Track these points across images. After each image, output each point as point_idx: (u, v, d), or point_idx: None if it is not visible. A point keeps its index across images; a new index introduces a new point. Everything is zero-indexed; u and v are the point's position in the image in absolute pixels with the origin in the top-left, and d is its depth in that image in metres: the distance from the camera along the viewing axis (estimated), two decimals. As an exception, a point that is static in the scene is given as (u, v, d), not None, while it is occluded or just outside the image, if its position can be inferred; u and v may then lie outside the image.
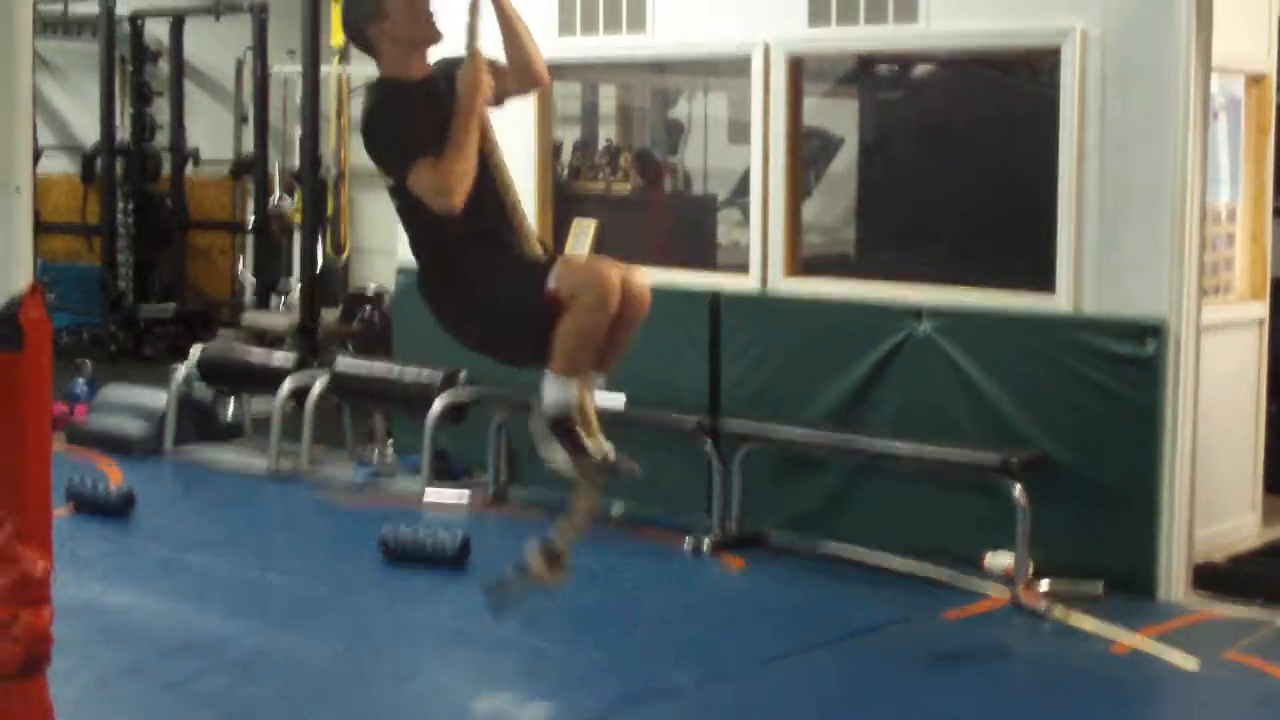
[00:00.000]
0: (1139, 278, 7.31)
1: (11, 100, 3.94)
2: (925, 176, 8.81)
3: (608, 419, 5.11)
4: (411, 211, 4.96)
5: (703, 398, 8.49)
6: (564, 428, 4.94)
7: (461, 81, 4.88)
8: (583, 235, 9.32)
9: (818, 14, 8.19)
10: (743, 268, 8.59)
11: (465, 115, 4.85)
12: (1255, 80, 8.07)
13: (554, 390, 4.91)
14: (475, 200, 4.86)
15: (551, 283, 4.87)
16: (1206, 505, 7.53)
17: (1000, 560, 7.40)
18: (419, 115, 4.90)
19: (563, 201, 9.57)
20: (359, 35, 5.08)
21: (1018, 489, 7.28)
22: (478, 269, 4.98)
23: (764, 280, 8.42)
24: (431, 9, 5.04)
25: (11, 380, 4.18)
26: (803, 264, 8.49)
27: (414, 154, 4.82)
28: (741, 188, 9.17)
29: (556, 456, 5.03)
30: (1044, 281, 7.54)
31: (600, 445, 5.03)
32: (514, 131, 9.32)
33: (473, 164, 4.85)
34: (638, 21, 8.76)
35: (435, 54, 5.06)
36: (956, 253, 8.40)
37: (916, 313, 7.85)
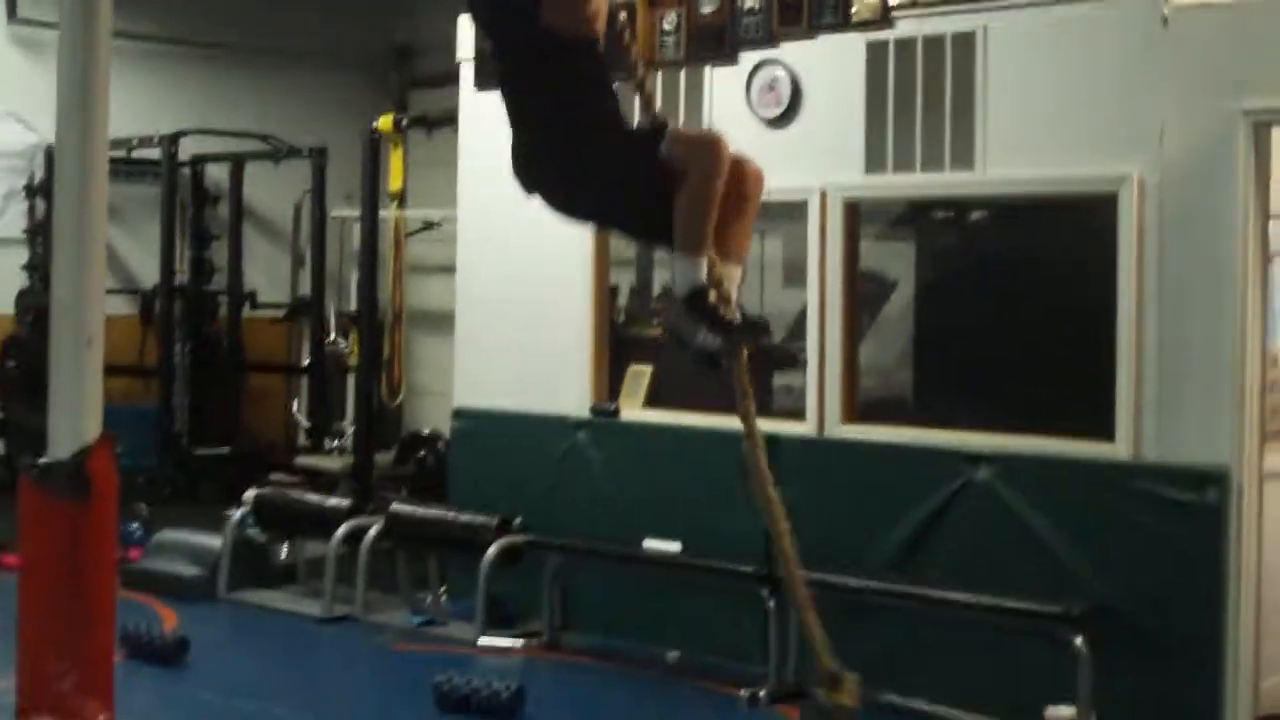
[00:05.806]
0: (1199, 425, 7.24)
1: (87, 257, 3.98)
2: (982, 320, 8.77)
3: (663, 563, 5.05)
4: (532, 69, 4.83)
5: (759, 545, 8.41)
6: (701, 305, 4.83)
7: None
8: (638, 381, 9.33)
9: (874, 162, 8.25)
10: (799, 413, 8.57)
11: None
12: (1313, 226, 8.06)
13: (680, 270, 4.81)
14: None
15: (663, 151, 4.76)
16: (1271, 656, 7.39)
17: (1061, 713, 7.24)
18: None
19: (618, 346, 9.58)
20: None
21: (1079, 639, 7.19)
22: (590, 137, 4.85)
23: (820, 426, 8.40)
24: None
25: (76, 531, 4.17)
26: (859, 408, 8.47)
27: None
28: (797, 330, 9.16)
29: (708, 340, 4.84)
30: (1103, 428, 7.48)
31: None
32: (571, 274, 9.44)
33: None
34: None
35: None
36: (1014, 398, 8.34)
37: (975, 458, 7.81)
